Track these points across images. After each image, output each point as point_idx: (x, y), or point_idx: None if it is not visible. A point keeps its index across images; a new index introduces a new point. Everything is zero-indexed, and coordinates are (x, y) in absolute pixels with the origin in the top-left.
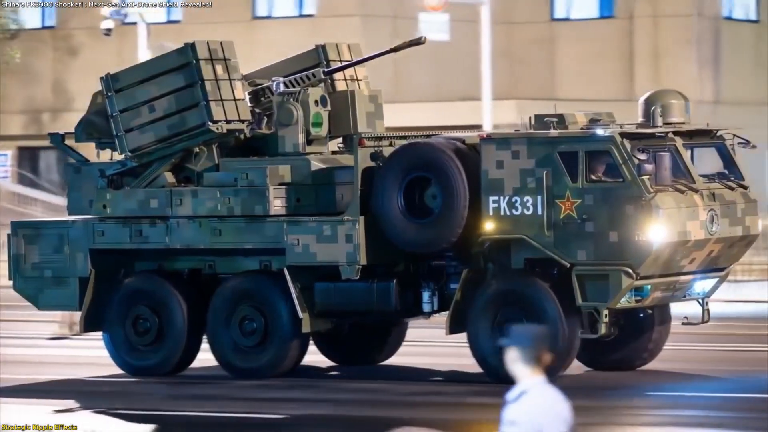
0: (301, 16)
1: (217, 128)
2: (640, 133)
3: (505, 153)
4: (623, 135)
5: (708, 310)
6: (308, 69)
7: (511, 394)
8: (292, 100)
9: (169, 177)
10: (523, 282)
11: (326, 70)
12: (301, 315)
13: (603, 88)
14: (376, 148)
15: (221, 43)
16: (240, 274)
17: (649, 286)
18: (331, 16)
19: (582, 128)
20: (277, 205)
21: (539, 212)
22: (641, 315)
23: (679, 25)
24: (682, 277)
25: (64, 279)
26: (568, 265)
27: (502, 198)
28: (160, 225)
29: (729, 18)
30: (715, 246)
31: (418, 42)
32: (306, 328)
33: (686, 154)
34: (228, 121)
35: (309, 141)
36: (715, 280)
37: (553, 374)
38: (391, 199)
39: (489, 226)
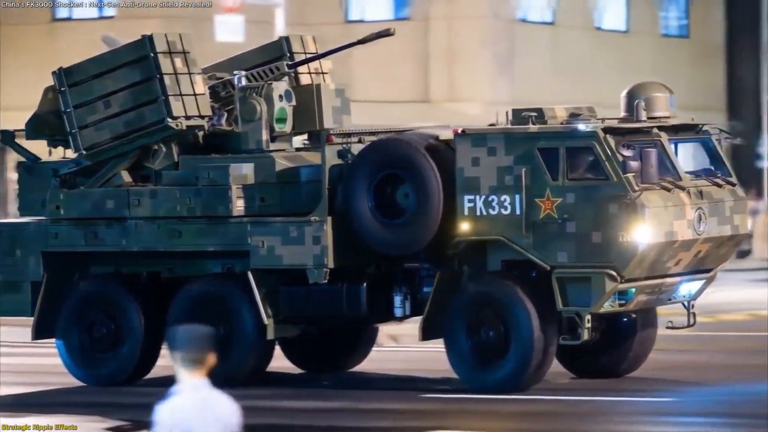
0: (102, 18)
1: (177, 124)
2: (624, 128)
3: (481, 150)
4: (606, 130)
5: (694, 313)
6: (271, 62)
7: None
8: (254, 94)
9: (127, 176)
10: (496, 285)
11: (290, 63)
12: (266, 321)
13: (398, 90)
14: (344, 145)
15: (180, 35)
16: (201, 277)
17: (634, 290)
18: (131, 17)
19: (562, 123)
20: (240, 205)
21: (517, 212)
22: (624, 320)
23: (475, 27)
24: (668, 280)
25: (16, 283)
26: (548, 268)
27: (478, 197)
28: (117, 226)
29: (524, 20)
30: (702, 246)
31: (386, 33)
32: (271, 334)
33: (672, 150)
34: (188, 117)
35: (273, 138)
36: (702, 282)
37: (525, 383)
38: (361, 199)
39: (464, 226)
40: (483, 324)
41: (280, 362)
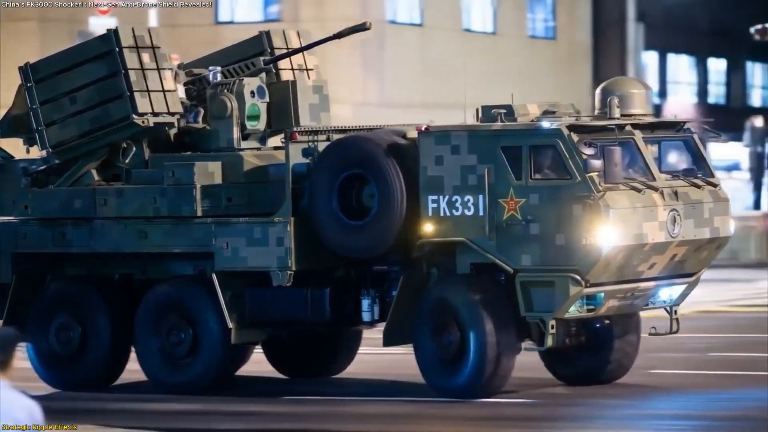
0: None
1: (143, 121)
2: (590, 126)
3: (444, 148)
4: (571, 128)
5: (677, 319)
6: (251, 57)
7: None
8: (225, 91)
9: (97, 174)
10: (454, 290)
11: (267, 58)
12: (230, 325)
13: None
14: (309, 143)
15: (149, 29)
16: (167, 280)
17: (602, 294)
18: (8, 20)
19: (532, 120)
20: (205, 205)
21: (481, 213)
22: (597, 325)
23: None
24: (642, 284)
25: None
26: (512, 271)
27: (441, 197)
28: (85, 227)
29: (393, 22)
30: (678, 249)
31: (362, 27)
32: (235, 338)
33: (647, 149)
34: (155, 114)
35: (245, 135)
36: (683, 286)
37: (482, 389)
38: (324, 199)
39: (428, 228)
40: (445, 329)
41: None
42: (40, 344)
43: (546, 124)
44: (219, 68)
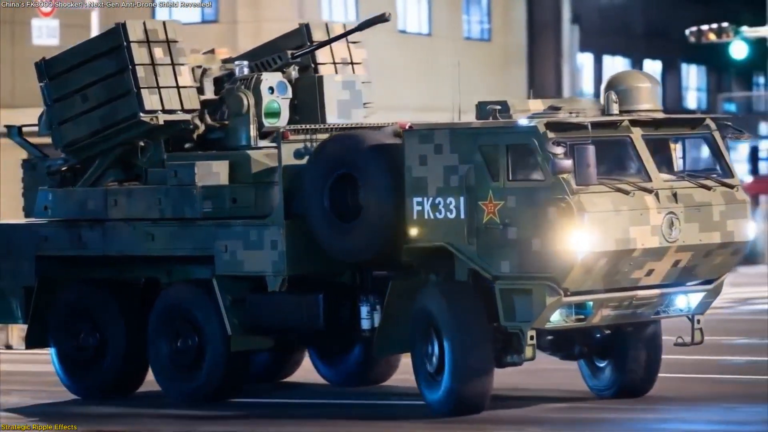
0: None
1: (151, 119)
2: (572, 124)
3: (428, 147)
4: (550, 126)
5: (700, 329)
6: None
7: None
8: (243, 87)
9: (120, 174)
10: (435, 298)
11: (295, 53)
12: (230, 332)
13: None
14: (305, 143)
15: (164, 23)
16: (175, 284)
17: (591, 303)
18: None
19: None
20: (207, 206)
21: (462, 216)
22: (597, 335)
23: (281, 29)
24: (641, 292)
25: (11, 289)
26: (491, 278)
27: (425, 199)
28: (98, 229)
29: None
30: (681, 255)
31: (382, 18)
32: (235, 346)
33: (645, 148)
34: (165, 111)
35: (264, 134)
36: (702, 294)
37: (459, 405)
38: (316, 200)
39: (413, 231)
40: (428, 339)
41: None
42: (62, 349)
43: (523, 121)
44: (246, 63)
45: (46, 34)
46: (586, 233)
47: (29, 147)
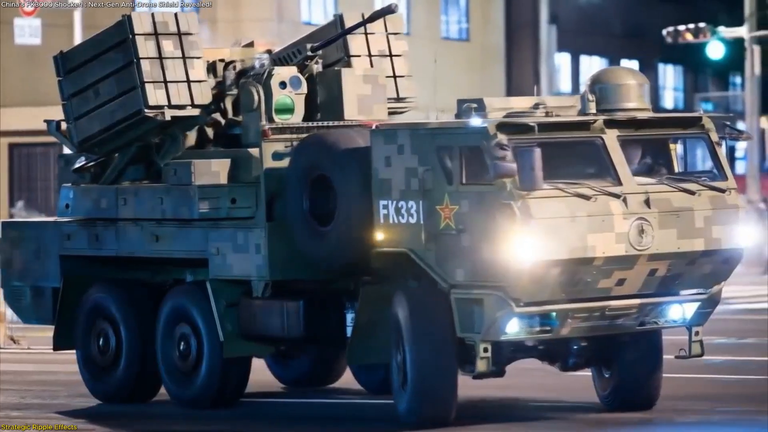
0: None
1: (156, 115)
2: (521, 125)
3: (392, 148)
4: (502, 127)
5: (699, 341)
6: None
7: None
8: (254, 81)
9: (142, 171)
10: (402, 306)
11: (315, 45)
12: (222, 337)
13: None
14: (287, 142)
15: (176, 14)
16: (178, 287)
17: (555, 314)
18: None
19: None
20: (204, 206)
21: (420, 221)
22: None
23: (261, 29)
24: (614, 303)
25: (41, 289)
26: (448, 287)
27: (390, 202)
28: (111, 228)
29: (308, 23)
30: (657, 264)
31: (389, 10)
32: (227, 352)
33: (618, 150)
34: (172, 106)
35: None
36: (696, 304)
37: (422, 417)
38: (295, 203)
39: (380, 236)
40: (396, 349)
41: None
42: (84, 352)
43: (475, 122)
44: (266, 56)
45: (29, 34)
46: (533, 241)
47: (66, 141)
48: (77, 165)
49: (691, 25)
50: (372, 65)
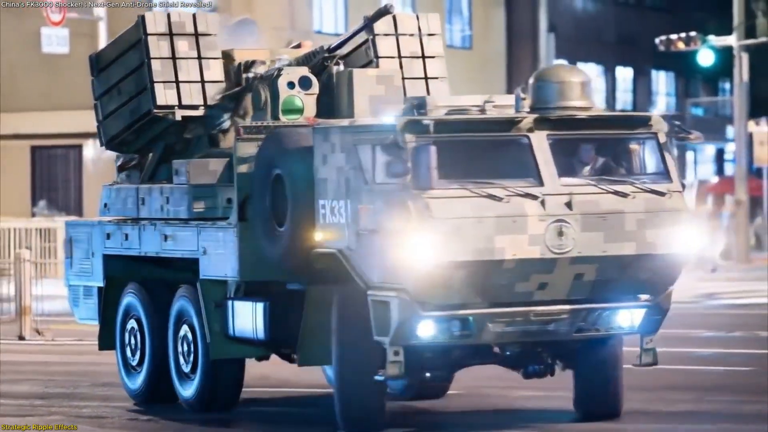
0: None
1: (166, 115)
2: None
3: (327, 146)
4: (408, 124)
5: (652, 350)
6: (360, 46)
7: None
8: (263, 81)
9: (169, 171)
10: (330, 310)
11: (332, 46)
12: (208, 339)
13: None
14: (259, 141)
15: (194, 15)
16: (183, 287)
17: (471, 318)
18: None
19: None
20: (199, 206)
21: (347, 220)
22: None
23: (273, 37)
24: (539, 308)
25: (91, 288)
26: (365, 288)
27: (327, 202)
28: (135, 227)
29: (319, 32)
30: (582, 268)
31: (385, 11)
32: (213, 354)
33: (546, 150)
34: (184, 107)
35: None
36: (643, 311)
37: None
38: (259, 203)
39: (318, 236)
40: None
41: None
42: (122, 353)
43: (387, 119)
44: (286, 57)
45: (56, 43)
46: (433, 241)
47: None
48: (118, 163)
49: (683, 34)
50: (402, 67)
